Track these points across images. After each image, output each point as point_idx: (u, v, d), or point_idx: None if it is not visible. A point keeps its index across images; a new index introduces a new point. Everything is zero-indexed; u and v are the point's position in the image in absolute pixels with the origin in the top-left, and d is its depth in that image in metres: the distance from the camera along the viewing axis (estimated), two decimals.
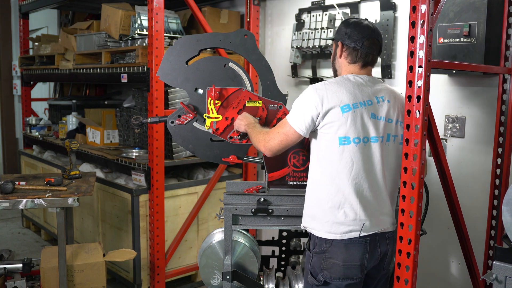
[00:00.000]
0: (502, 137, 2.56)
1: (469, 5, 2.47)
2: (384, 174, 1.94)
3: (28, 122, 5.40)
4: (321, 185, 1.93)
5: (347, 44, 1.99)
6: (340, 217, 1.89)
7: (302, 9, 3.68)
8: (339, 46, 2.02)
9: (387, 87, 2.03)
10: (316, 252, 1.95)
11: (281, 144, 1.97)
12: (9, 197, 2.80)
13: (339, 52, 2.03)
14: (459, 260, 2.92)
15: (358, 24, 1.99)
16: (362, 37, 1.96)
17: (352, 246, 1.89)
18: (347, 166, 1.87)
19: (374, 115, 1.91)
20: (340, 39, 2.02)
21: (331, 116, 1.87)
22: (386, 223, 1.96)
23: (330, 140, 1.89)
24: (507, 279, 1.69)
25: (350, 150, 1.87)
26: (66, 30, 4.56)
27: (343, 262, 1.89)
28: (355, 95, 1.89)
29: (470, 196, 2.84)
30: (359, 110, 1.88)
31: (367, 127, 1.89)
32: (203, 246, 2.52)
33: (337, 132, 1.87)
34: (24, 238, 5.10)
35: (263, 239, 3.28)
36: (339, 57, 2.04)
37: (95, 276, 3.10)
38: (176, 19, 3.83)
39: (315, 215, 1.95)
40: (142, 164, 3.51)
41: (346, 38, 1.99)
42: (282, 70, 3.91)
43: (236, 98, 2.33)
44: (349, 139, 1.87)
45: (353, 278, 1.91)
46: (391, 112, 1.95)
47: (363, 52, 1.97)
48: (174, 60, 2.38)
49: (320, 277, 1.93)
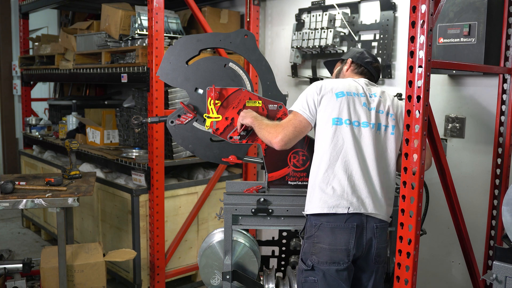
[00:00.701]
0: (502, 137, 2.56)
1: (469, 5, 2.47)
2: (375, 160, 2.01)
3: (28, 122, 5.40)
4: (315, 164, 2.05)
5: (357, 62, 2.29)
6: (329, 191, 1.98)
7: (302, 9, 3.69)
8: (348, 63, 2.31)
9: (382, 91, 2.17)
10: (307, 238, 2.04)
11: (295, 131, 2.03)
12: (9, 197, 2.80)
13: (346, 66, 2.31)
14: (459, 260, 2.92)
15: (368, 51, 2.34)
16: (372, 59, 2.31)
17: (338, 231, 1.96)
18: (338, 144, 2.00)
19: (365, 104, 2.07)
20: (351, 56, 2.32)
21: (326, 99, 2.05)
22: (373, 207, 1.98)
23: (325, 122, 2.03)
24: (507, 279, 1.70)
25: (342, 130, 2.01)
26: (66, 30, 4.56)
27: (329, 246, 1.96)
28: (349, 87, 2.10)
29: (470, 196, 2.85)
30: (352, 98, 2.06)
31: (358, 112, 2.04)
32: (203, 246, 2.52)
33: (331, 113, 2.02)
34: (24, 238, 5.10)
35: (263, 239, 3.28)
36: (346, 71, 2.31)
37: (95, 276, 3.10)
38: (176, 19, 3.83)
39: (309, 195, 2.06)
40: (142, 164, 3.51)
41: (356, 57, 2.30)
42: (282, 70, 3.91)
43: (236, 98, 2.33)
44: (341, 120, 2.02)
45: (340, 263, 1.96)
46: (381, 106, 2.09)
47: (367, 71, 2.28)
48: (174, 60, 2.38)
49: (309, 261, 2.01)
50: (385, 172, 2.04)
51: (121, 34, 3.73)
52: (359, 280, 2.07)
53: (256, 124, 2.16)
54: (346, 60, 2.34)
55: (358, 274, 2.06)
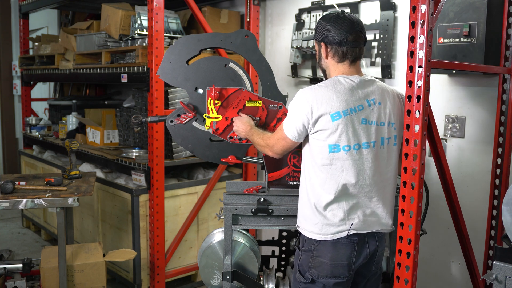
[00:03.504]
0: (502, 137, 2.56)
1: (469, 5, 2.47)
2: (377, 178, 1.93)
3: (28, 122, 5.40)
4: (312, 187, 1.94)
5: (330, 44, 1.93)
6: (330, 218, 1.90)
7: (302, 9, 3.69)
8: (323, 46, 1.97)
9: (379, 87, 1.97)
10: (305, 250, 1.98)
11: (283, 148, 2.03)
12: (9, 197, 2.80)
13: (324, 52, 1.98)
14: (459, 260, 2.92)
15: (336, 20, 1.92)
16: (344, 33, 1.90)
17: (340, 246, 1.91)
18: (336, 172, 1.88)
19: (365, 120, 1.89)
20: (322, 39, 1.96)
21: (321, 123, 1.86)
22: (376, 224, 1.95)
23: (320, 146, 1.89)
24: (507, 279, 1.69)
25: (340, 157, 1.87)
26: (66, 30, 4.56)
27: (330, 260, 1.91)
28: (346, 100, 1.86)
29: (470, 196, 2.84)
30: (350, 117, 1.85)
31: (358, 133, 1.87)
32: (203, 246, 2.52)
33: (327, 139, 1.86)
34: (24, 238, 5.10)
35: (263, 239, 3.28)
36: (325, 58, 1.98)
37: (95, 276, 3.10)
38: (176, 19, 3.83)
39: (306, 215, 1.97)
40: (142, 164, 3.51)
41: (328, 38, 1.93)
42: (282, 70, 3.91)
43: (236, 98, 2.33)
44: (339, 147, 1.86)
45: (340, 277, 1.92)
46: (382, 115, 1.92)
47: (349, 49, 1.92)
48: (175, 59, 2.38)
49: (307, 275, 1.96)
50: (386, 185, 1.96)
51: (121, 34, 3.73)
52: (356, 285, 2.06)
53: (250, 139, 2.24)
54: (320, 43, 1.99)
55: (356, 278, 2.04)
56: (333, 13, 1.98)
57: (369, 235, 1.95)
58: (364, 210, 1.92)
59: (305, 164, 1.99)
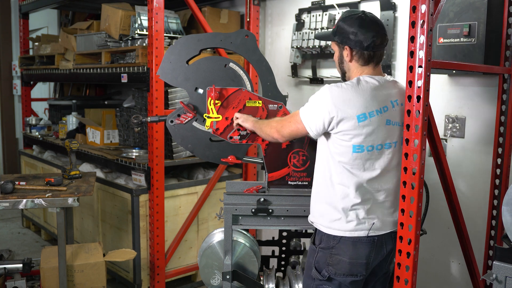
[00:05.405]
0: (502, 137, 2.56)
1: (469, 5, 2.47)
2: (395, 177, 1.94)
3: (28, 122, 5.40)
4: (332, 185, 1.93)
5: (356, 48, 1.89)
6: (350, 217, 1.90)
7: (302, 9, 3.69)
8: (347, 50, 1.92)
9: (399, 87, 1.98)
10: (323, 248, 1.96)
11: (292, 133, 2.03)
12: (9, 197, 2.80)
13: (348, 56, 1.93)
14: (459, 260, 2.92)
15: (362, 22, 1.86)
16: (371, 36, 1.85)
17: (359, 244, 1.90)
18: (358, 171, 1.88)
19: (389, 121, 1.88)
20: (347, 43, 1.91)
21: (346, 124, 1.83)
22: (392, 224, 1.96)
23: (345, 146, 1.87)
24: (507, 279, 1.69)
25: (363, 157, 1.87)
26: (66, 30, 4.56)
27: (349, 259, 1.90)
28: (372, 101, 1.84)
29: (470, 196, 2.84)
30: (375, 118, 1.84)
31: (382, 134, 1.87)
32: (203, 246, 2.52)
33: (352, 140, 1.85)
34: (24, 238, 5.10)
35: (263, 239, 3.28)
36: (349, 61, 1.94)
37: (95, 276, 3.10)
38: (176, 19, 3.83)
39: (325, 212, 1.96)
40: (142, 164, 3.51)
41: (353, 41, 1.88)
42: (282, 70, 3.91)
43: (236, 98, 2.33)
44: (363, 147, 1.86)
45: (358, 275, 1.92)
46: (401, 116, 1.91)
47: (376, 52, 1.90)
48: (175, 59, 2.38)
49: (324, 272, 1.94)
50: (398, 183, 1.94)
51: (121, 34, 3.73)
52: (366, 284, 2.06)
53: (258, 125, 2.21)
54: (343, 46, 1.94)
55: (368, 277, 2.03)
56: (354, 14, 1.91)
57: (387, 235, 1.95)
58: (383, 210, 1.93)
59: (323, 161, 1.97)
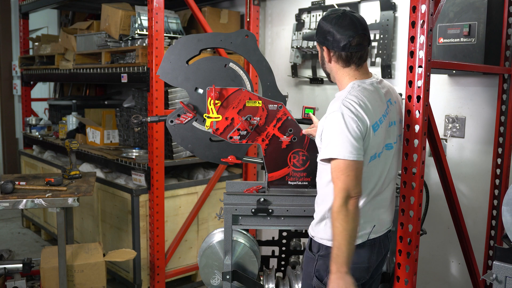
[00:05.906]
0: (502, 137, 2.56)
1: (469, 5, 2.47)
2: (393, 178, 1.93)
3: (28, 122, 5.40)
4: None
5: (333, 48, 1.81)
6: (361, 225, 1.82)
7: (302, 9, 3.69)
8: (325, 50, 1.86)
9: (389, 87, 1.95)
10: (323, 255, 1.88)
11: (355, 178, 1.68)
12: (9, 197, 2.80)
13: (327, 57, 1.87)
14: (459, 260, 2.92)
15: (337, 22, 1.79)
16: (347, 36, 1.77)
17: (360, 249, 1.85)
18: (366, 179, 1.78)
19: (390, 123, 1.86)
20: (324, 43, 1.85)
21: (367, 140, 1.74)
22: (390, 221, 1.97)
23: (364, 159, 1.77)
24: (507, 279, 1.70)
25: (374, 164, 1.81)
26: (66, 30, 4.56)
27: (352, 264, 1.80)
28: (378, 108, 1.79)
29: (470, 196, 2.85)
30: (383, 123, 1.80)
31: (387, 137, 1.84)
32: (203, 246, 2.52)
33: (371, 151, 1.77)
34: (24, 238, 5.10)
35: (263, 239, 3.28)
36: (328, 62, 1.88)
37: (95, 276, 3.10)
38: (176, 19, 3.84)
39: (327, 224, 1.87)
40: (142, 164, 3.51)
41: (330, 42, 1.81)
42: (282, 70, 3.91)
43: (236, 98, 2.33)
44: (376, 154, 1.80)
45: (360, 280, 1.87)
46: (395, 114, 1.91)
47: (354, 53, 1.80)
48: (175, 59, 2.38)
49: (326, 279, 1.83)
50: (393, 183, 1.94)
51: (121, 34, 3.73)
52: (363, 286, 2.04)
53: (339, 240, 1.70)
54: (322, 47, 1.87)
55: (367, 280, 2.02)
56: (334, 12, 1.85)
57: (383, 235, 1.93)
58: (382, 210, 1.91)
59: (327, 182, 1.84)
